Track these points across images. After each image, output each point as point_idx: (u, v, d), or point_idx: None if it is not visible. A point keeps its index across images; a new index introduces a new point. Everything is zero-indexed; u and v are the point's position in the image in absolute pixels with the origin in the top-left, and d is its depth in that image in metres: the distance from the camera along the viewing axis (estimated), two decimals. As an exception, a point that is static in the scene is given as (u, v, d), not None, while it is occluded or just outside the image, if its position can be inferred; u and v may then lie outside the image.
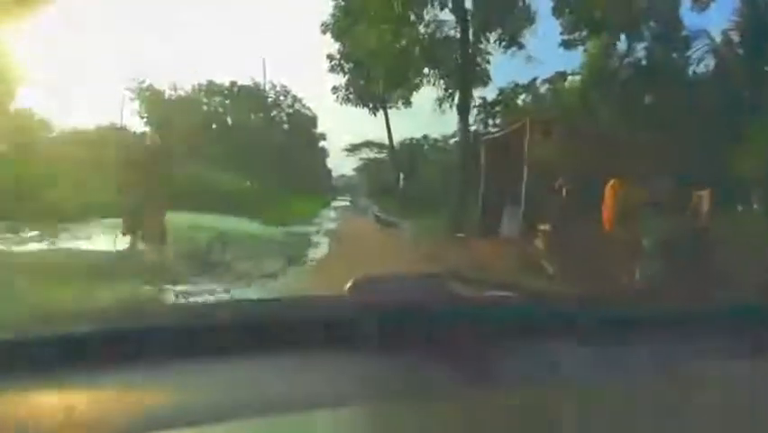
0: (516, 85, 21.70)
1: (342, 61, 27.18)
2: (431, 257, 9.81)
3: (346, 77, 27.14)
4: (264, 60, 31.38)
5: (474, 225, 13.13)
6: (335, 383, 0.84)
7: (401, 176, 27.73)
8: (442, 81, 20.50)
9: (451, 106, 20.60)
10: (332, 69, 27.21)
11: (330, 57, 27.32)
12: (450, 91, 20.01)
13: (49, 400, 0.74)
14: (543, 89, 21.36)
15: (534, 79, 21.52)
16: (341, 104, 27.38)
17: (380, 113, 27.85)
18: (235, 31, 50.26)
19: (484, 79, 20.97)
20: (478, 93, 18.83)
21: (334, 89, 27.25)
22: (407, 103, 28.21)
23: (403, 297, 1.05)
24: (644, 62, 17.31)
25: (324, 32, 25.94)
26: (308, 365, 0.88)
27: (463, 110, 17.00)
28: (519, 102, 21.40)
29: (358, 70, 26.59)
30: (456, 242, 12.10)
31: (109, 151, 13.42)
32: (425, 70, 20.19)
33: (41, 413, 0.72)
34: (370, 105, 27.46)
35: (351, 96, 27.27)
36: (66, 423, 0.67)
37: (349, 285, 1.10)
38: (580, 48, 18.36)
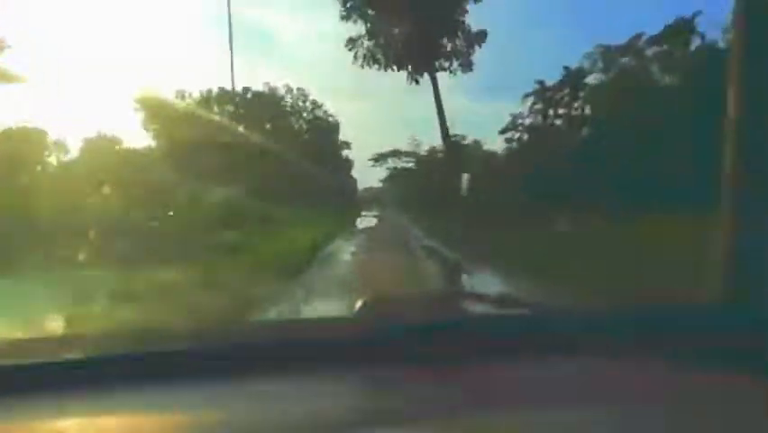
0: None
1: (360, 3, 17.31)
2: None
3: (367, 24, 17.14)
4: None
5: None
6: (346, 406, 0.83)
7: (466, 178, 16.93)
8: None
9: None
10: (346, 16, 17.37)
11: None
12: None
13: (64, 425, 0.75)
14: None
15: None
16: (362, 66, 17.35)
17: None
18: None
19: None
20: None
21: (351, 42, 17.22)
22: (467, 66, 17.99)
23: (413, 316, 1.05)
24: None
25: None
26: (318, 388, 0.87)
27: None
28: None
29: (387, 12, 16.61)
30: None
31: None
32: None
33: None
34: (409, 68, 17.21)
35: (377, 56, 17.18)
36: None
37: (358, 305, 1.09)
38: None
